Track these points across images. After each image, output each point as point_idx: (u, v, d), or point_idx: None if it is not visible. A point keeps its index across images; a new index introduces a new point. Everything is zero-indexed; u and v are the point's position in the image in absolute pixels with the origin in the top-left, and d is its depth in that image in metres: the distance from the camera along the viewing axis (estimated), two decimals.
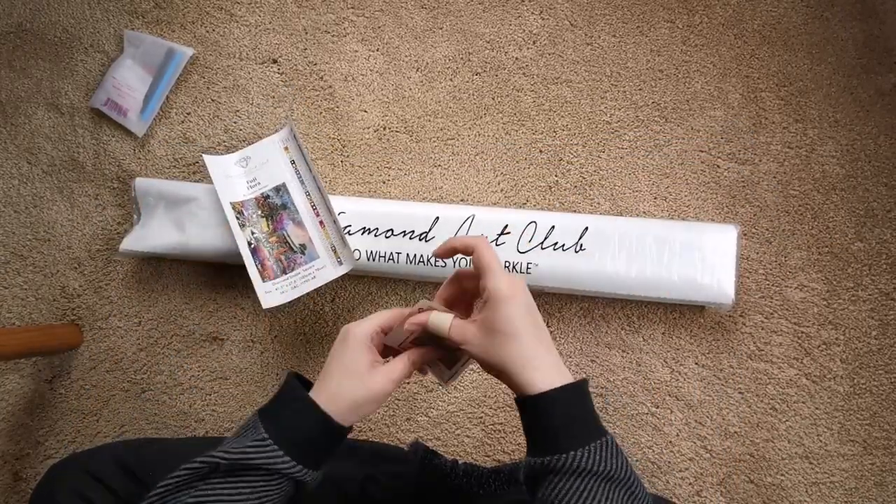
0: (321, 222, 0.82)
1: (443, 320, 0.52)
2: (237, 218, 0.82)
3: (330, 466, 0.59)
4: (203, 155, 0.85)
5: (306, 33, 0.93)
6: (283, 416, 0.52)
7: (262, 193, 0.84)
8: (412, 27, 0.93)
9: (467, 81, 0.91)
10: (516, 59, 0.91)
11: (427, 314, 0.52)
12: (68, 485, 0.60)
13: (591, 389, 0.51)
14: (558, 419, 0.48)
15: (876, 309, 0.84)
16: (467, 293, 0.56)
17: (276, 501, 0.50)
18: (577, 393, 0.50)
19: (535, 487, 0.48)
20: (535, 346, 0.49)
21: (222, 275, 0.89)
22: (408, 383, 0.86)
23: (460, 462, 0.78)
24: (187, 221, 0.84)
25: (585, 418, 0.49)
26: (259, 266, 0.81)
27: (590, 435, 0.48)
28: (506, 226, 0.82)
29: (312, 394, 0.51)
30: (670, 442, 0.83)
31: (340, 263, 0.81)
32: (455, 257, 0.62)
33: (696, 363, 0.84)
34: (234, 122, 0.92)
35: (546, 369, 0.49)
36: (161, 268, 0.90)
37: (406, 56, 0.92)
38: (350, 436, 0.86)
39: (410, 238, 0.82)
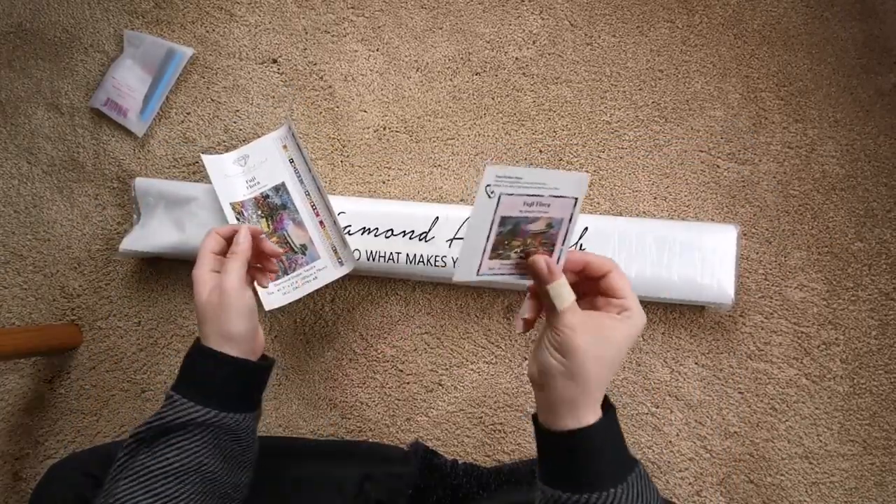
0: (321, 222, 0.82)
1: (568, 290, 0.46)
2: (237, 219, 0.82)
3: (327, 465, 0.59)
4: (202, 155, 0.85)
5: (306, 33, 0.93)
6: (186, 369, 0.54)
7: (261, 193, 0.84)
8: (412, 27, 0.93)
9: (467, 81, 0.91)
10: (516, 59, 0.91)
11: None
12: (68, 485, 0.61)
13: None
14: (592, 454, 0.44)
15: (876, 309, 0.84)
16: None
17: (216, 458, 0.50)
18: (610, 422, 0.46)
19: None
20: (603, 388, 0.45)
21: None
22: (408, 383, 0.86)
23: (460, 462, 0.78)
24: (187, 221, 0.84)
25: (617, 448, 0.46)
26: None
27: (622, 467, 0.44)
28: None
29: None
30: (670, 442, 0.83)
31: (341, 264, 0.81)
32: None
33: (696, 363, 0.84)
34: (234, 122, 0.92)
35: (593, 409, 0.45)
36: (161, 268, 0.90)
37: (406, 56, 0.92)
38: (350, 436, 0.86)
39: (410, 238, 0.82)
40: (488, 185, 0.44)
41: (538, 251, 0.48)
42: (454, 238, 0.82)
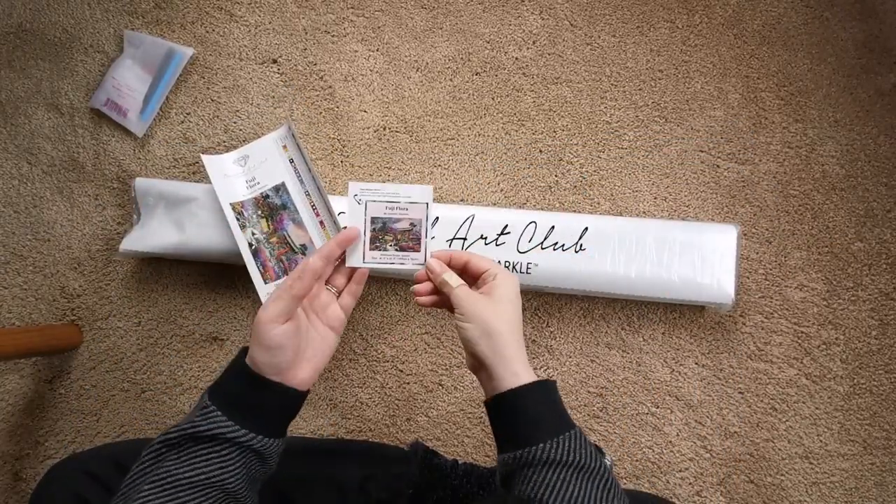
0: (321, 222, 0.82)
1: (455, 278, 0.59)
2: (237, 219, 0.82)
3: (327, 465, 0.60)
4: (202, 155, 0.85)
5: (306, 33, 0.93)
6: (225, 383, 0.53)
7: (261, 193, 0.84)
8: (412, 27, 0.93)
9: (467, 81, 0.91)
10: (516, 59, 0.91)
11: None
12: (68, 485, 0.60)
13: (591, 389, 0.51)
14: (530, 414, 0.51)
15: (876, 309, 0.84)
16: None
17: (240, 477, 0.50)
18: (546, 389, 0.53)
19: (511, 485, 0.50)
20: (519, 340, 0.55)
21: (222, 275, 0.89)
22: (408, 383, 0.86)
23: (460, 462, 0.78)
24: (187, 221, 0.84)
25: (554, 412, 0.52)
26: (260, 267, 0.81)
27: (558, 428, 0.50)
28: (506, 226, 0.82)
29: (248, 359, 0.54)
30: (670, 442, 0.83)
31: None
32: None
33: (696, 363, 0.84)
34: (234, 123, 0.92)
35: (523, 367, 0.53)
36: (161, 268, 0.90)
37: (406, 56, 0.92)
38: (350, 436, 0.86)
39: None
40: (355, 195, 0.62)
41: (409, 245, 0.63)
42: (454, 238, 0.82)
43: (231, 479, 0.49)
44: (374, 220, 0.62)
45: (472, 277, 0.61)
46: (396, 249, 0.63)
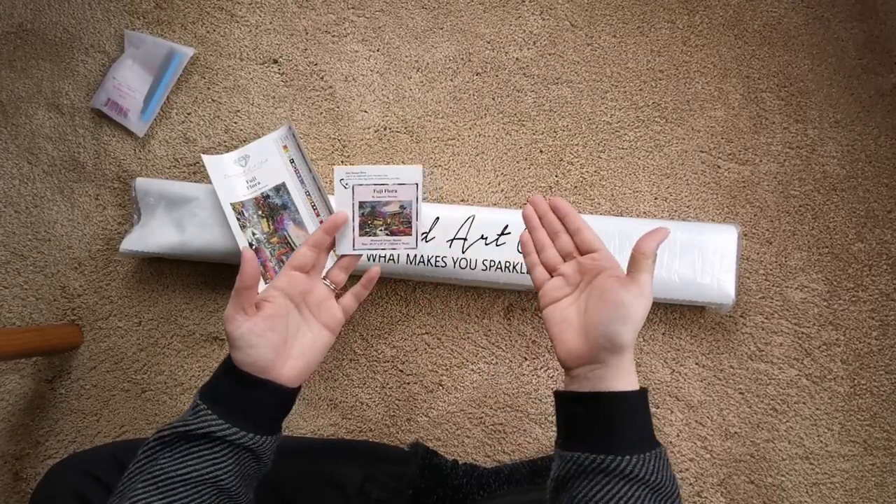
0: (322, 222, 0.82)
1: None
2: (238, 219, 0.82)
3: (327, 465, 0.59)
4: (202, 155, 0.85)
5: (307, 34, 0.93)
6: (214, 382, 0.53)
7: (262, 193, 0.84)
8: (412, 27, 0.93)
9: (468, 82, 0.91)
10: (517, 59, 0.91)
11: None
12: (68, 484, 0.61)
13: None
14: (626, 422, 0.48)
15: (876, 309, 0.84)
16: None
17: (234, 474, 0.50)
18: (646, 399, 0.50)
19: (568, 483, 0.47)
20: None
21: (222, 275, 0.89)
22: (408, 383, 0.86)
23: (460, 462, 0.78)
24: (187, 221, 0.84)
25: (647, 425, 0.49)
26: (261, 267, 0.81)
27: (648, 444, 0.47)
28: (506, 226, 0.82)
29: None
30: (670, 442, 0.83)
31: None
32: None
33: (697, 363, 0.84)
34: (235, 123, 0.92)
35: (633, 369, 0.50)
36: (161, 268, 0.90)
37: (406, 56, 0.92)
38: (350, 436, 0.86)
39: None
40: (342, 179, 0.59)
41: (400, 228, 0.61)
42: (454, 238, 0.82)
43: (225, 476, 0.49)
44: (362, 204, 0.60)
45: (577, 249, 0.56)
46: (387, 234, 0.61)
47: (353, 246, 0.60)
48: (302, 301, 0.57)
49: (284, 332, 0.54)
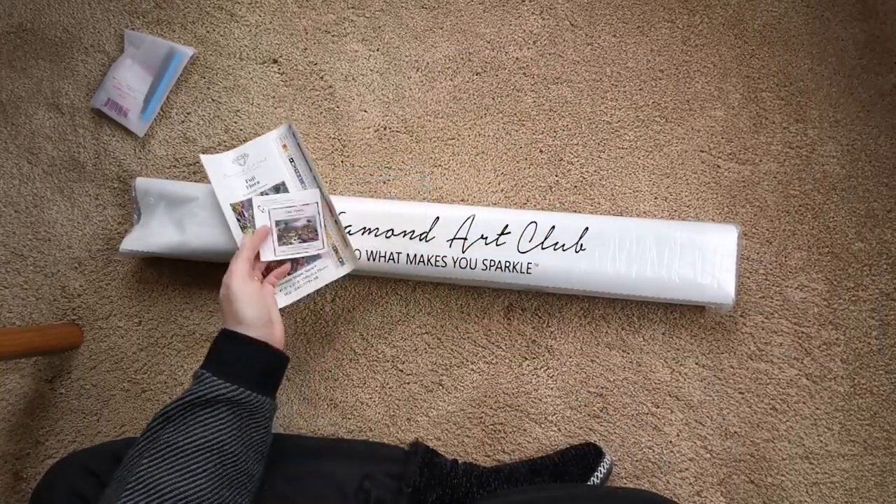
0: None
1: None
2: (238, 220, 0.82)
3: (327, 464, 0.60)
4: (201, 155, 0.85)
5: (307, 33, 0.93)
6: (212, 351, 0.61)
7: (261, 192, 0.84)
8: (412, 27, 0.93)
9: (468, 81, 0.91)
10: (517, 59, 0.91)
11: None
12: (68, 482, 0.61)
13: (591, 389, 0.51)
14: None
15: (876, 309, 0.84)
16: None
17: (237, 440, 0.53)
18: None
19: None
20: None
21: (222, 275, 0.89)
22: (408, 383, 0.86)
23: (460, 462, 0.78)
24: (187, 221, 0.84)
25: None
26: None
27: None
28: (506, 226, 0.82)
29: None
30: (670, 442, 0.83)
31: (343, 263, 0.81)
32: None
33: (697, 363, 0.84)
34: (235, 122, 0.92)
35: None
36: (161, 268, 0.90)
37: (406, 56, 0.92)
38: (350, 436, 0.86)
39: (411, 238, 0.82)
40: (259, 206, 0.79)
41: (309, 236, 0.79)
42: (454, 238, 0.82)
43: (229, 441, 0.51)
44: (278, 222, 0.79)
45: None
46: (300, 241, 0.78)
47: (275, 253, 0.78)
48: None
49: (270, 299, 0.70)
